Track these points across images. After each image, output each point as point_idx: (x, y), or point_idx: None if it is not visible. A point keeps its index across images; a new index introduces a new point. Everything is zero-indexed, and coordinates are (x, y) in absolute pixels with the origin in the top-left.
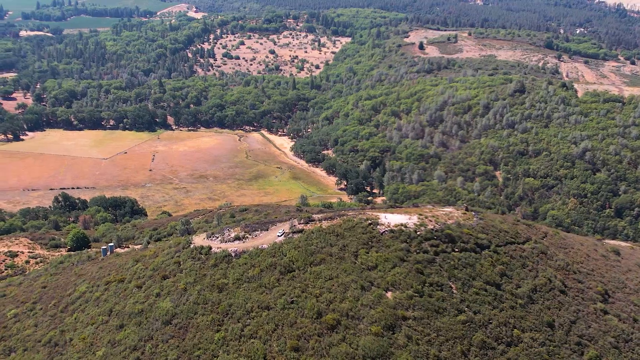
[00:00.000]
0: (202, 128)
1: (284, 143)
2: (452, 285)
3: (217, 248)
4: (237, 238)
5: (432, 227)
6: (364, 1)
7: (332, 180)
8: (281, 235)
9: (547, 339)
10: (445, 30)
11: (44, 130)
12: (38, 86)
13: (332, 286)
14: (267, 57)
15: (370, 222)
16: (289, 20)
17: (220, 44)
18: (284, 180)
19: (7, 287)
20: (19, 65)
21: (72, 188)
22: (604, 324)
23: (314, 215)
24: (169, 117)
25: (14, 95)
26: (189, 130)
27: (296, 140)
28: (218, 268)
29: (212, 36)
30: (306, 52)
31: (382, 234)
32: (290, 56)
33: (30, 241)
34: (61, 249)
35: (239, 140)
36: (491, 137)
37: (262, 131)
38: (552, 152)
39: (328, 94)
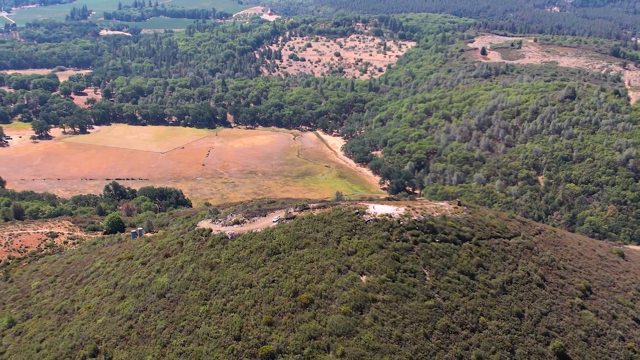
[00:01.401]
0: (259, 126)
1: (337, 143)
2: (426, 273)
3: (217, 231)
4: (236, 222)
5: (416, 217)
6: (436, 6)
7: (376, 179)
8: (276, 221)
9: (513, 328)
10: (512, 37)
11: (110, 125)
12: (108, 83)
13: (312, 268)
14: (332, 59)
15: (357, 211)
16: (357, 24)
17: (288, 45)
18: (329, 179)
19: (42, 264)
20: (95, 62)
21: (127, 179)
22: (577, 318)
23: (310, 205)
24: (228, 115)
25: (85, 90)
26: (247, 129)
27: (348, 141)
28: (214, 248)
29: (280, 38)
30: (371, 55)
31: (366, 222)
32: (354, 59)
33: (71, 224)
34: (98, 232)
35: (293, 139)
36: (537, 142)
37: (318, 131)
38: (595, 159)
39: (385, 96)
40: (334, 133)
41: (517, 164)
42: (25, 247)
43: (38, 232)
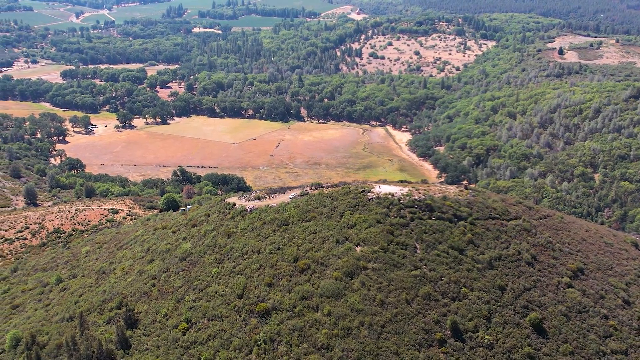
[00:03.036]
0: (331, 121)
1: (403, 138)
2: (417, 246)
3: (239, 205)
4: (257, 198)
5: (416, 197)
6: (525, 6)
7: (435, 173)
8: (292, 197)
9: (493, 299)
10: (595, 37)
11: (190, 116)
12: (192, 77)
13: (314, 238)
14: (410, 57)
15: (363, 190)
16: (440, 23)
17: (370, 44)
18: (390, 171)
19: (99, 235)
20: (184, 58)
21: (198, 166)
22: (561, 295)
23: (324, 184)
24: (302, 110)
25: (170, 84)
26: (319, 123)
27: (413, 136)
28: (233, 220)
29: (362, 37)
30: (450, 54)
31: (369, 200)
32: (433, 57)
33: (132, 202)
34: (155, 210)
35: (362, 133)
36: (596, 141)
37: (387, 126)
38: None
39: (456, 94)
40: (402, 129)
41: (574, 162)
42: (88, 221)
43: (101, 209)
